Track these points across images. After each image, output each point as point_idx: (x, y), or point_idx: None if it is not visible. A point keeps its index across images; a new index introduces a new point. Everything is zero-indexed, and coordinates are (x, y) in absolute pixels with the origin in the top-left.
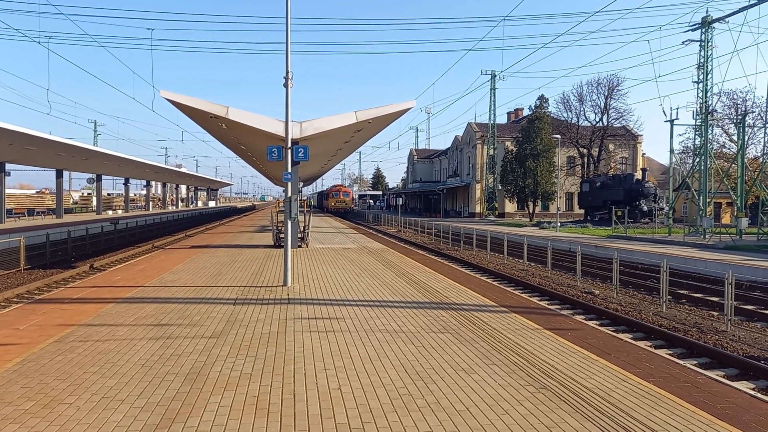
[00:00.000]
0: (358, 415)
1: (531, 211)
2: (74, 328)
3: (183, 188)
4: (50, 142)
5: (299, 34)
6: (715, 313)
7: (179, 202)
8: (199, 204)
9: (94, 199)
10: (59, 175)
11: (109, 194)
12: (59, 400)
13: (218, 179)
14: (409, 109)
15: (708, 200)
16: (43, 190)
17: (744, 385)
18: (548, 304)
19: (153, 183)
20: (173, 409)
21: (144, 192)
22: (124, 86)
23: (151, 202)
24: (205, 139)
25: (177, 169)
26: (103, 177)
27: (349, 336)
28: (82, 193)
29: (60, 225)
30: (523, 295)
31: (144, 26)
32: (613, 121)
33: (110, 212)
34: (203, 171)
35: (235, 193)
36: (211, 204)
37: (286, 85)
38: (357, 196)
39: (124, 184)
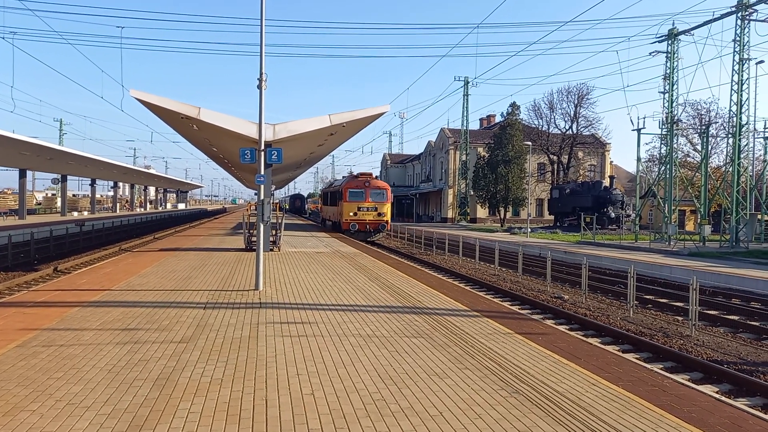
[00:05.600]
0: (331, 421)
1: (502, 216)
2: (37, 333)
3: (152, 190)
4: (13, 140)
5: (274, 35)
6: (680, 318)
7: (147, 204)
8: (168, 206)
9: (59, 200)
10: (22, 174)
11: (74, 195)
12: (21, 407)
13: (188, 181)
14: (383, 113)
15: (673, 208)
16: (5, 190)
17: (708, 389)
18: (519, 309)
19: (120, 184)
20: (141, 415)
21: (111, 193)
22: (92, 85)
23: (118, 204)
24: (175, 140)
25: (145, 170)
26: (69, 177)
27: (322, 341)
28: (46, 194)
29: (23, 226)
30: (494, 300)
31: (114, 24)
32: (582, 129)
33: (75, 214)
34: (173, 173)
35: (206, 196)
36: (181, 206)
37: (260, 87)
38: None
39: (90, 185)
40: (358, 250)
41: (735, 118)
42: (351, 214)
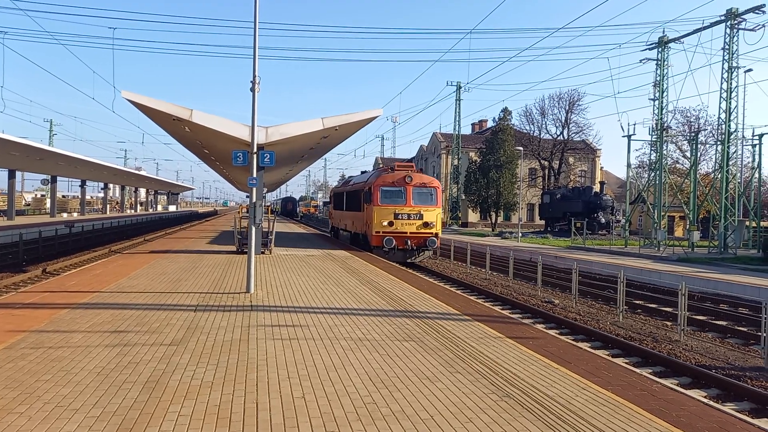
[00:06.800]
0: (322, 425)
1: (493, 221)
2: (26, 335)
3: (142, 191)
4: (3, 140)
5: (267, 38)
6: (669, 323)
7: (138, 205)
8: (159, 208)
9: (48, 200)
10: (11, 175)
11: (64, 196)
12: (9, 409)
13: (179, 183)
14: (375, 117)
15: (662, 214)
16: None
17: (697, 393)
18: (510, 313)
19: (111, 185)
20: (130, 418)
21: (101, 195)
22: (83, 86)
23: (108, 205)
24: (166, 142)
25: (136, 171)
26: (59, 178)
27: (313, 344)
28: (36, 195)
29: (11, 227)
30: (485, 304)
31: (106, 25)
32: (573, 135)
33: (65, 215)
34: (164, 174)
35: (197, 198)
36: (172, 208)
37: (253, 90)
38: (321, 203)
39: (80, 186)
40: (350, 254)
41: (724, 126)
42: (385, 223)
